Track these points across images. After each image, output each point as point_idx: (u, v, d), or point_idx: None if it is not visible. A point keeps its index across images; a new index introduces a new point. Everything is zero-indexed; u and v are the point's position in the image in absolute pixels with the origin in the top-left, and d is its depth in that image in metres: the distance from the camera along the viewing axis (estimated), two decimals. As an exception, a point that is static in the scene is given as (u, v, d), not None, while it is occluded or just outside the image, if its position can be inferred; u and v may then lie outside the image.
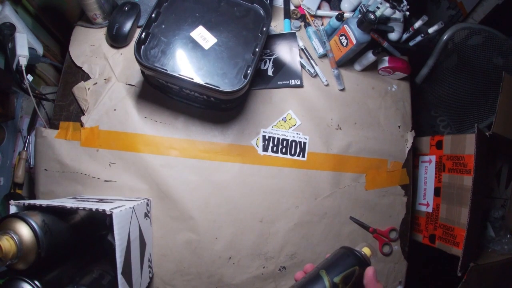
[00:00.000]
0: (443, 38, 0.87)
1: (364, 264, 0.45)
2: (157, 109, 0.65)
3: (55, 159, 0.61)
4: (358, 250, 0.47)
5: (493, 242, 0.79)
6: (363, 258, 0.46)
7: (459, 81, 0.97)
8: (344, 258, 0.46)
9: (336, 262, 0.45)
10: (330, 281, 0.43)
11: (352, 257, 0.45)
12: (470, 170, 0.65)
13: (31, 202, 0.44)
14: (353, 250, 0.46)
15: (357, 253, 0.46)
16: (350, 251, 0.46)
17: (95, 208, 0.44)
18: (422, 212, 0.78)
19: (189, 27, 0.59)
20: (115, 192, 0.62)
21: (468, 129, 0.98)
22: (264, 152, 0.67)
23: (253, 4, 0.63)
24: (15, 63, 0.62)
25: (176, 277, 0.62)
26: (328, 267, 0.45)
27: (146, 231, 0.57)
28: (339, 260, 0.46)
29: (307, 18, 0.76)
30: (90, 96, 0.63)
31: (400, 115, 0.76)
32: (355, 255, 0.46)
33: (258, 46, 0.58)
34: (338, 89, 0.74)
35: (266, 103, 0.69)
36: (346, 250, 0.47)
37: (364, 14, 0.62)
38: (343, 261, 0.45)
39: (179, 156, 0.64)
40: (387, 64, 0.74)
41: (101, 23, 0.67)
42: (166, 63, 0.56)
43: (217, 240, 0.63)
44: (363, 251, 0.47)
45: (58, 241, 0.44)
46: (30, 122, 0.79)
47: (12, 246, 0.38)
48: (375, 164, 0.73)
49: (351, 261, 0.45)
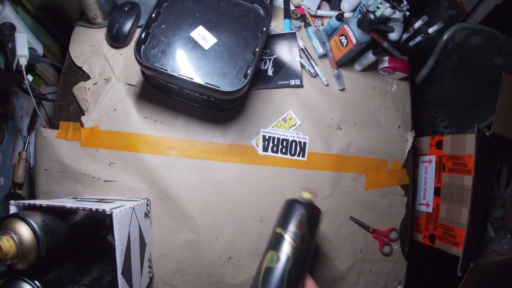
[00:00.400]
0: (443, 38, 0.87)
1: (307, 205, 0.49)
2: (157, 109, 0.65)
3: (55, 159, 0.61)
4: (299, 197, 0.51)
5: (493, 242, 0.79)
6: (306, 201, 0.50)
7: (459, 81, 0.97)
8: (291, 209, 0.49)
9: (286, 216, 0.49)
10: (287, 232, 0.47)
11: (296, 205, 0.49)
12: (470, 170, 0.65)
13: (31, 202, 0.44)
14: (295, 199, 0.50)
15: (299, 200, 0.50)
16: (292, 201, 0.50)
17: (95, 208, 0.44)
18: (422, 212, 0.78)
19: (189, 27, 0.59)
20: (115, 192, 0.62)
21: (468, 129, 0.98)
22: (264, 152, 0.67)
23: (253, 4, 0.63)
24: (15, 63, 0.62)
25: (176, 277, 0.62)
26: (281, 223, 0.48)
27: (146, 231, 0.57)
28: (287, 213, 0.49)
29: (307, 18, 0.76)
30: (90, 96, 0.63)
31: (400, 115, 0.76)
32: (298, 201, 0.49)
33: (258, 46, 0.58)
34: (338, 89, 0.74)
35: (266, 103, 0.69)
36: (289, 202, 0.51)
37: (364, 14, 0.62)
38: (290, 212, 0.49)
39: (179, 156, 0.64)
40: (387, 64, 0.74)
41: (101, 23, 0.67)
42: (166, 63, 0.56)
43: (217, 240, 0.63)
44: (303, 196, 0.51)
45: (58, 241, 0.44)
46: (30, 122, 0.79)
47: (12, 246, 0.38)
48: (375, 164, 0.73)
49: (296, 208, 0.49)
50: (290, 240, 0.46)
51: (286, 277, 0.44)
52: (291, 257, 0.45)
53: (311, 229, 0.48)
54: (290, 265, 0.44)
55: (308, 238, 0.47)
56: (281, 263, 0.44)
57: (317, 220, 0.49)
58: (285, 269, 0.44)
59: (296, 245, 0.45)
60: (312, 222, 0.48)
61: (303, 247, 0.46)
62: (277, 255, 0.45)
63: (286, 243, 0.46)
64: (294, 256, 0.45)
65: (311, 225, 0.48)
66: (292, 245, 0.45)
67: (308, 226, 0.47)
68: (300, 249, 0.45)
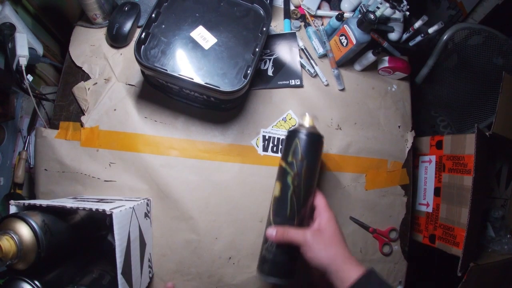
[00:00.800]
0: (443, 38, 0.87)
1: (301, 134, 0.52)
2: (157, 109, 0.65)
3: (55, 159, 0.61)
4: (298, 124, 0.55)
5: (493, 242, 0.79)
6: (296, 130, 0.53)
7: (459, 81, 0.97)
8: (287, 141, 0.54)
9: (285, 148, 0.54)
10: (285, 163, 0.52)
11: (290, 135, 0.53)
12: (470, 170, 0.65)
13: (31, 202, 0.44)
14: (292, 130, 0.54)
15: (295, 129, 0.53)
16: (290, 132, 0.54)
17: (95, 208, 0.44)
18: (422, 212, 0.78)
19: (189, 27, 0.59)
20: (115, 192, 0.62)
21: (468, 129, 0.98)
22: (264, 152, 0.67)
23: (253, 4, 0.63)
24: (15, 63, 0.62)
25: (176, 277, 0.62)
26: (282, 155, 0.54)
27: (146, 231, 0.57)
28: (286, 144, 0.54)
29: (307, 18, 0.76)
30: (90, 96, 0.63)
31: (400, 115, 0.76)
32: (293, 132, 0.53)
33: (258, 46, 0.58)
34: (338, 89, 0.74)
35: (266, 103, 0.69)
36: (288, 133, 0.54)
37: (364, 14, 0.62)
38: (287, 144, 0.53)
39: (179, 156, 0.64)
40: (387, 64, 0.74)
41: (101, 23, 0.67)
42: (166, 63, 0.56)
43: (217, 240, 0.63)
44: (303, 122, 0.54)
45: (58, 241, 0.44)
46: (30, 122, 0.79)
47: (12, 246, 0.38)
48: (375, 164, 0.73)
49: (290, 139, 0.53)
50: (288, 169, 0.51)
51: (289, 202, 0.50)
52: (290, 185, 0.50)
53: (308, 156, 0.51)
54: (291, 192, 0.50)
55: (306, 165, 0.51)
56: (284, 191, 0.51)
57: (313, 145, 0.52)
58: (286, 195, 0.50)
59: (293, 173, 0.51)
60: (308, 148, 0.52)
61: (302, 173, 0.51)
62: (280, 184, 0.52)
63: (285, 173, 0.51)
64: (293, 184, 0.50)
65: (307, 151, 0.51)
66: (290, 174, 0.51)
67: (304, 153, 0.51)
68: (299, 176, 0.50)
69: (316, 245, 0.46)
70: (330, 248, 0.46)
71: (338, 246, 0.47)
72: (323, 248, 0.46)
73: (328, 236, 0.48)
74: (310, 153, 0.51)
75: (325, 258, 0.45)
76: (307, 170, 0.51)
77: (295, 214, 0.50)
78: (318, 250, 0.46)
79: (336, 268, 0.45)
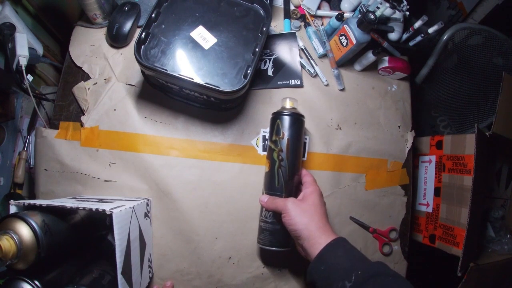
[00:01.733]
0: (443, 38, 0.87)
1: (281, 115, 0.59)
2: (157, 109, 0.65)
3: (55, 159, 0.61)
4: (281, 107, 0.61)
5: (493, 242, 0.79)
6: (277, 111, 0.60)
7: (459, 81, 0.97)
8: (271, 122, 0.60)
9: (270, 129, 0.60)
10: (270, 141, 0.59)
11: (273, 117, 0.60)
12: (470, 170, 0.65)
13: (31, 202, 0.44)
14: (273, 112, 0.60)
15: (275, 112, 0.60)
16: (272, 114, 0.61)
17: (95, 208, 0.44)
18: (422, 212, 0.78)
19: (189, 27, 0.59)
20: (115, 192, 0.62)
21: (468, 129, 0.98)
22: (264, 152, 0.67)
23: (253, 4, 0.63)
24: (15, 63, 0.62)
25: (176, 277, 0.62)
26: (269, 136, 0.60)
27: (146, 231, 0.57)
28: (270, 127, 0.61)
29: (307, 18, 0.76)
30: (90, 96, 0.63)
31: (400, 115, 0.76)
32: (274, 114, 0.60)
33: (258, 46, 0.58)
34: (338, 89, 0.74)
35: (266, 103, 0.69)
36: (271, 116, 0.61)
37: (364, 14, 0.62)
38: (271, 125, 0.60)
39: (179, 156, 0.64)
40: (387, 64, 0.74)
41: (101, 23, 0.67)
42: (166, 63, 0.56)
43: (217, 240, 0.63)
44: (284, 105, 0.61)
45: (58, 241, 0.44)
46: (30, 122, 0.79)
47: (12, 246, 0.38)
48: (375, 164, 0.73)
49: (274, 120, 0.59)
50: (273, 147, 0.58)
51: (276, 175, 0.57)
52: (276, 160, 0.57)
53: (289, 133, 0.58)
54: (277, 166, 0.57)
55: (290, 141, 0.57)
56: (271, 166, 0.57)
57: (294, 123, 0.58)
58: (273, 170, 0.57)
59: (277, 149, 0.57)
60: (288, 126, 0.58)
61: (284, 149, 0.57)
62: (268, 161, 0.58)
63: (271, 150, 0.58)
64: (278, 158, 0.57)
65: (288, 129, 0.58)
66: (275, 150, 0.57)
67: (284, 131, 0.58)
68: (282, 151, 0.57)
69: (293, 212, 0.50)
70: (305, 216, 0.50)
71: (314, 215, 0.50)
72: (298, 214, 0.50)
73: (307, 206, 0.52)
74: (290, 130, 0.58)
75: (299, 224, 0.49)
76: (289, 145, 0.57)
77: (283, 185, 0.56)
78: (294, 216, 0.50)
79: (308, 234, 0.49)
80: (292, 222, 0.50)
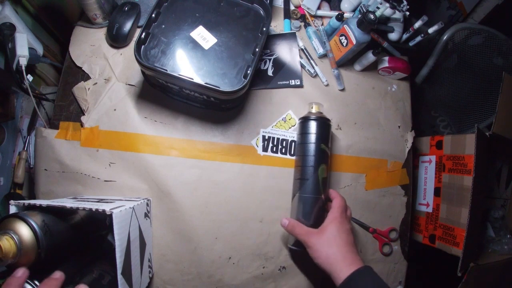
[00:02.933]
0: (443, 38, 0.87)
1: (329, 121, 0.61)
2: (157, 109, 0.65)
3: (55, 159, 0.61)
4: (310, 114, 0.62)
5: (493, 242, 0.79)
6: (325, 117, 0.61)
7: (459, 81, 0.97)
8: (324, 126, 0.60)
9: (323, 133, 0.60)
10: (328, 148, 0.60)
11: (326, 122, 0.61)
12: (470, 170, 0.65)
13: (31, 202, 0.44)
14: (325, 119, 0.61)
15: (327, 119, 0.61)
16: (324, 120, 0.61)
17: (95, 208, 0.44)
18: (422, 212, 0.78)
19: (189, 27, 0.59)
20: (115, 192, 0.62)
21: (468, 129, 0.98)
22: (264, 152, 0.67)
23: (253, 4, 0.63)
24: (15, 63, 0.62)
25: (176, 277, 0.62)
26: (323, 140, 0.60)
27: (146, 231, 0.57)
28: (323, 130, 0.60)
29: (307, 18, 0.76)
30: (90, 96, 0.63)
31: (400, 115, 0.76)
32: (329, 121, 0.61)
33: (258, 46, 0.58)
34: (338, 89, 0.74)
35: (266, 103, 0.69)
36: (322, 121, 0.60)
37: (364, 14, 0.62)
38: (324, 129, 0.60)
39: (179, 156, 0.64)
40: (387, 64, 0.74)
41: (101, 23, 0.67)
42: (166, 63, 0.56)
43: (217, 240, 0.63)
44: (313, 111, 0.63)
45: (58, 241, 0.44)
46: (30, 122, 0.79)
47: (12, 246, 0.38)
48: (375, 164, 0.73)
49: (326, 125, 0.61)
50: (329, 153, 0.60)
51: (328, 182, 0.60)
52: (326, 168, 0.59)
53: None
54: (327, 173, 0.60)
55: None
56: (328, 173, 0.59)
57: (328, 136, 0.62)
58: (328, 176, 0.60)
59: (328, 157, 0.60)
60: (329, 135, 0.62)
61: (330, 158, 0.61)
62: (326, 166, 0.59)
63: (328, 156, 0.60)
64: (327, 166, 0.60)
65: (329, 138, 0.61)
66: (328, 157, 0.60)
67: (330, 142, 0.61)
68: (329, 159, 0.61)
69: (314, 246, 0.50)
70: (325, 248, 0.50)
71: (333, 247, 0.50)
72: (319, 248, 0.50)
73: (326, 237, 0.51)
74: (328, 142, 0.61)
75: (321, 258, 0.49)
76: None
77: (322, 192, 0.58)
78: (316, 251, 0.50)
79: (330, 268, 0.48)
80: (315, 256, 0.50)
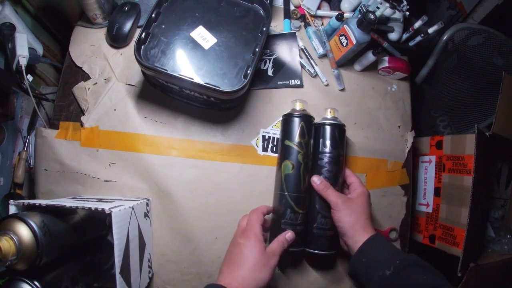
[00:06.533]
0: (443, 38, 0.87)
1: (304, 117, 0.59)
2: (157, 109, 0.65)
3: (55, 159, 0.61)
4: (293, 109, 0.61)
5: (493, 242, 0.79)
6: (302, 113, 0.59)
7: (459, 81, 0.97)
8: (291, 123, 0.59)
9: (289, 129, 0.59)
10: (294, 143, 0.58)
11: (295, 118, 0.59)
12: (470, 170, 0.65)
13: (30, 202, 0.44)
14: (291, 114, 0.59)
15: (297, 113, 0.59)
16: (290, 115, 0.59)
17: (94, 207, 0.44)
18: (422, 212, 0.78)
19: (189, 27, 0.59)
20: (115, 192, 0.62)
21: (468, 129, 0.98)
22: (264, 152, 0.67)
23: (253, 4, 0.63)
24: (15, 63, 0.62)
25: (176, 277, 0.62)
26: (288, 136, 0.59)
27: (145, 231, 0.57)
28: (289, 126, 0.59)
29: (307, 18, 0.76)
30: (90, 96, 0.63)
31: (400, 115, 0.76)
32: (295, 116, 0.59)
33: (258, 46, 0.58)
34: (338, 89, 0.74)
35: (266, 103, 0.69)
36: (288, 116, 0.60)
37: (364, 14, 0.62)
38: (291, 125, 0.59)
39: (179, 156, 0.64)
40: (387, 64, 0.74)
41: (101, 23, 0.67)
42: (166, 63, 0.56)
43: (217, 240, 0.63)
44: (296, 107, 0.61)
45: (57, 242, 0.44)
46: (30, 122, 0.79)
47: (11, 247, 0.38)
48: (375, 164, 0.73)
49: (296, 121, 0.58)
50: (297, 149, 0.57)
51: (302, 178, 0.57)
52: (301, 162, 0.57)
53: (311, 136, 0.59)
54: (302, 169, 0.57)
55: (312, 144, 0.59)
56: (296, 169, 0.56)
57: (312, 126, 0.60)
58: (299, 172, 0.56)
59: (303, 151, 0.57)
60: (310, 129, 0.59)
61: (309, 152, 0.58)
62: (290, 163, 0.57)
63: (295, 152, 0.57)
64: (303, 161, 0.57)
65: (310, 132, 0.59)
66: (300, 152, 0.57)
67: (308, 134, 0.58)
68: (307, 154, 0.58)
69: (343, 210, 0.55)
70: (352, 215, 0.55)
71: (360, 215, 0.55)
72: (347, 214, 0.55)
73: (355, 206, 0.56)
74: (311, 132, 0.60)
75: (346, 223, 0.54)
76: (314, 148, 0.60)
77: (306, 188, 0.58)
78: (344, 215, 0.55)
79: (353, 233, 0.54)
80: (341, 219, 0.55)
